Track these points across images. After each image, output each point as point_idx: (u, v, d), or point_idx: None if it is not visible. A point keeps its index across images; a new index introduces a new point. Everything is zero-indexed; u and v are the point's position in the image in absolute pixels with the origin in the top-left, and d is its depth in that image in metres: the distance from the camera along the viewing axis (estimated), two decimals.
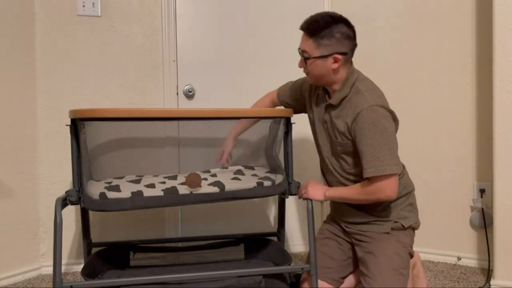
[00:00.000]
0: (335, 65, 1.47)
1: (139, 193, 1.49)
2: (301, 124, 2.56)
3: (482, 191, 2.24)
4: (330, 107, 1.55)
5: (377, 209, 1.56)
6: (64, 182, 2.27)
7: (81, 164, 1.59)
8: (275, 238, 2.11)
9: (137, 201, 1.49)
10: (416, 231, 1.64)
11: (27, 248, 2.19)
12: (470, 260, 2.29)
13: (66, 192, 1.58)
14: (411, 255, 1.57)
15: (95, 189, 1.53)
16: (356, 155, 1.49)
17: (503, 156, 1.93)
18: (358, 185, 1.49)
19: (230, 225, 2.46)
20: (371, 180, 1.43)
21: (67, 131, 2.25)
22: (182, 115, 1.56)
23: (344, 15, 2.56)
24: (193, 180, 1.53)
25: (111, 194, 1.47)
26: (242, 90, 2.47)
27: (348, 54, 1.50)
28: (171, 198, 1.52)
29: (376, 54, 2.47)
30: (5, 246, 2.11)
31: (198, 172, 1.61)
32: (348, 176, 1.56)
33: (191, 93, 2.39)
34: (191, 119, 1.55)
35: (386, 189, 1.41)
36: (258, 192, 1.60)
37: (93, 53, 2.28)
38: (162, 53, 2.34)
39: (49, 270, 2.23)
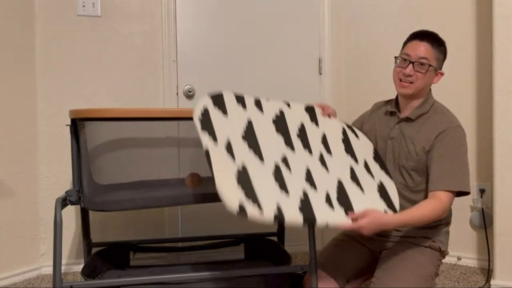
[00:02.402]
0: (436, 80, 1.57)
1: (139, 193, 1.50)
2: None
3: (482, 191, 2.24)
4: (404, 121, 1.57)
5: (420, 231, 1.54)
6: (64, 182, 2.27)
7: (81, 164, 1.59)
8: (275, 238, 2.11)
9: (137, 201, 1.49)
10: None
11: (27, 248, 2.19)
12: (470, 260, 2.29)
13: (66, 192, 1.58)
14: (436, 275, 1.56)
15: (95, 189, 1.53)
16: (424, 173, 1.49)
17: (503, 156, 1.93)
18: (425, 206, 1.40)
19: (230, 225, 2.45)
20: (440, 195, 1.41)
21: (67, 131, 2.25)
22: (182, 115, 1.56)
23: (344, 15, 2.57)
24: (193, 180, 1.53)
25: (111, 194, 1.47)
26: (242, 90, 2.46)
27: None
28: (171, 198, 1.52)
29: (376, 54, 2.47)
30: (5, 246, 2.11)
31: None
32: (409, 195, 1.54)
33: (191, 93, 2.39)
34: (191, 119, 1.55)
35: (448, 205, 1.42)
36: None
37: (93, 53, 2.28)
38: (162, 53, 2.34)
39: (49, 270, 2.23)
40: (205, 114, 1.27)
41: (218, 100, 1.33)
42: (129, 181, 1.64)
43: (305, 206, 1.24)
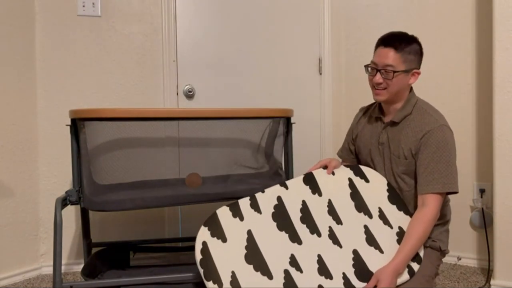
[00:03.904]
0: (412, 80, 1.54)
1: (139, 193, 1.50)
2: (301, 124, 2.56)
3: (482, 191, 2.24)
4: (389, 126, 1.57)
5: None
6: (64, 182, 2.27)
7: (81, 164, 1.59)
8: None
9: (137, 201, 1.49)
10: None
11: (27, 248, 2.19)
12: (470, 260, 2.29)
13: (66, 192, 1.58)
14: (436, 275, 1.56)
15: (95, 189, 1.53)
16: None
17: (503, 156, 1.93)
18: (419, 224, 1.41)
19: None
20: (428, 200, 1.42)
21: (67, 131, 2.25)
22: (182, 115, 1.56)
23: (344, 15, 2.58)
24: (193, 180, 1.54)
25: (111, 194, 1.47)
26: (242, 90, 2.47)
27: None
28: (171, 198, 1.53)
29: None
30: (5, 246, 2.11)
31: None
32: (407, 200, 1.55)
33: (191, 93, 2.39)
34: (191, 119, 1.55)
35: (438, 208, 1.43)
36: (258, 192, 1.60)
37: (93, 53, 2.28)
38: (162, 53, 2.34)
39: (49, 270, 2.23)
40: (205, 252, 1.29)
41: (213, 226, 1.35)
42: (129, 181, 1.64)
43: None
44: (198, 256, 1.29)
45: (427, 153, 1.45)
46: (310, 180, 1.52)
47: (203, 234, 1.34)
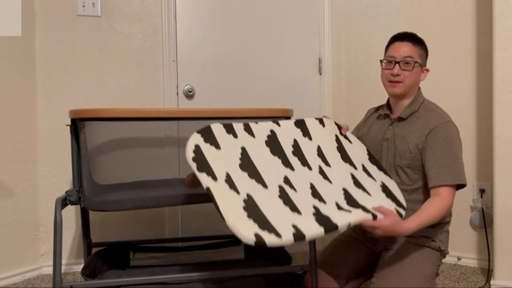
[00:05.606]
0: (423, 77, 1.62)
1: (139, 193, 1.49)
2: None
3: (482, 191, 2.24)
4: (396, 121, 1.61)
5: (420, 230, 1.50)
6: (64, 182, 2.27)
7: (81, 164, 1.59)
8: None
9: (137, 201, 1.49)
10: None
11: (27, 248, 2.19)
12: (470, 260, 2.29)
13: (66, 192, 1.58)
14: (437, 275, 1.56)
15: (95, 189, 1.53)
16: (420, 170, 1.53)
17: (503, 156, 1.93)
18: (431, 206, 1.42)
19: None
20: (442, 192, 1.44)
21: (67, 131, 2.25)
22: (182, 115, 1.56)
23: (344, 15, 2.57)
24: (193, 180, 1.53)
25: (111, 194, 1.47)
26: (242, 90, 2.47)
27: None
28: (171, 198, 1.52)
29: (376, 54, 2.47)
30: (5, 246, 2.11)
31: None
32: (407, 195, 1.56)
33: (191, 93, 2.39)
34: (191, 119, 1.55)
35: (451, 200, 1.45)
36: None
37: (93, 53, 2.28)
38: (162, 53, 2.34)
39: (49, 270, 2.23)
40: (198, 152, 1.21)
41: (207, 135, 1.28)
42: (129, 181, 1.64)
43: (321, 218, 1.22)
44: (190, 154, 1.18)
45: (435, 148, 1.48)
46: (301, 125, 1.55)
47: (196, 139, 1.24)
